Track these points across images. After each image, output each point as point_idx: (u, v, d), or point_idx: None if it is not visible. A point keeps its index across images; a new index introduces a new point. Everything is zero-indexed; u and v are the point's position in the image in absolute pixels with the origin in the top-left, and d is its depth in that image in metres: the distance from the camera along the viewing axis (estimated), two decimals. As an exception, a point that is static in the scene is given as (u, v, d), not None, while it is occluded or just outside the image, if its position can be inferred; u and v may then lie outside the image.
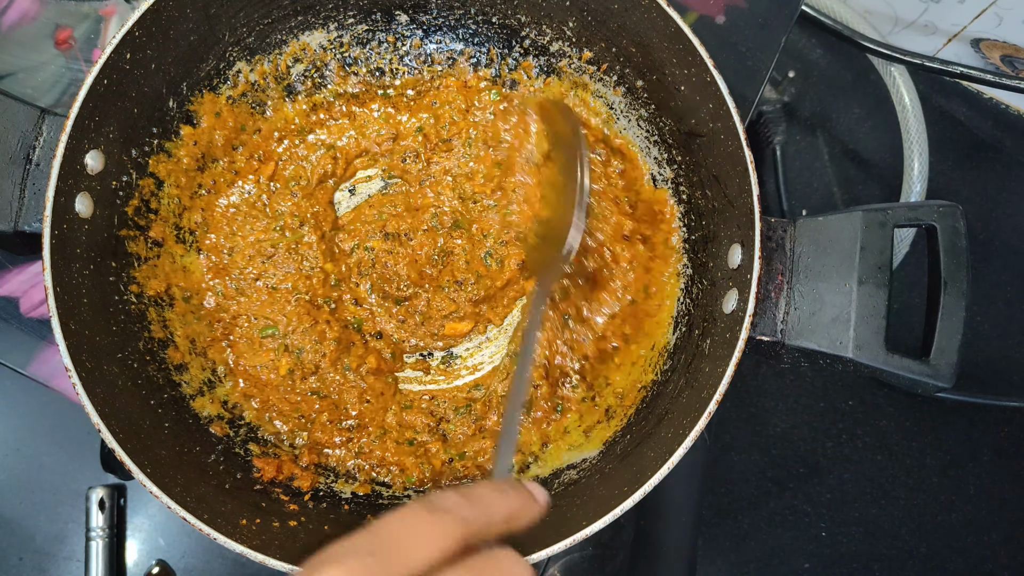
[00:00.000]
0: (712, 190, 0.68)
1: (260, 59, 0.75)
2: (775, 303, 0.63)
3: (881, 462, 0.91)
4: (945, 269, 0.61)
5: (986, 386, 0.92)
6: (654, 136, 0.75)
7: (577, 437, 0.73)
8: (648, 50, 0.69)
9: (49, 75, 0.83)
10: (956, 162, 0.99)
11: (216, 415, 0.70)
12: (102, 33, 0.84)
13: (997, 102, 1.01)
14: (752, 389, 0.93)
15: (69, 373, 0.57)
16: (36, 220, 0.63)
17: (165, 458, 0.61)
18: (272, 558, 0.56)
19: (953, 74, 0.87)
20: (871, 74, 0.96)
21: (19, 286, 0.80)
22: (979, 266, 0.96)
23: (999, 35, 0.90)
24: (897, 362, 0.60)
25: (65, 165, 0.60)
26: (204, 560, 0.80)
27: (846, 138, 0.99)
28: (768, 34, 0.85)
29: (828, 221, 0.63)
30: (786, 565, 0.89)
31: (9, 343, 0.79)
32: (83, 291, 0.62)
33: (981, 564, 0.90)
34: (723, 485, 0.91)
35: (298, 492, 0.69)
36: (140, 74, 0.65)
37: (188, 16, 0.67)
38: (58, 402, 0.81)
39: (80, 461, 0.81)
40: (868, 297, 0.61)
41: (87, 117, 0.61)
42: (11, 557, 0.80)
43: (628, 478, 0.60)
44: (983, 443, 0.92)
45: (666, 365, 0.71)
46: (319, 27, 0.76)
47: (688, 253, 0.73)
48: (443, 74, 0.80)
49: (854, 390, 0.93)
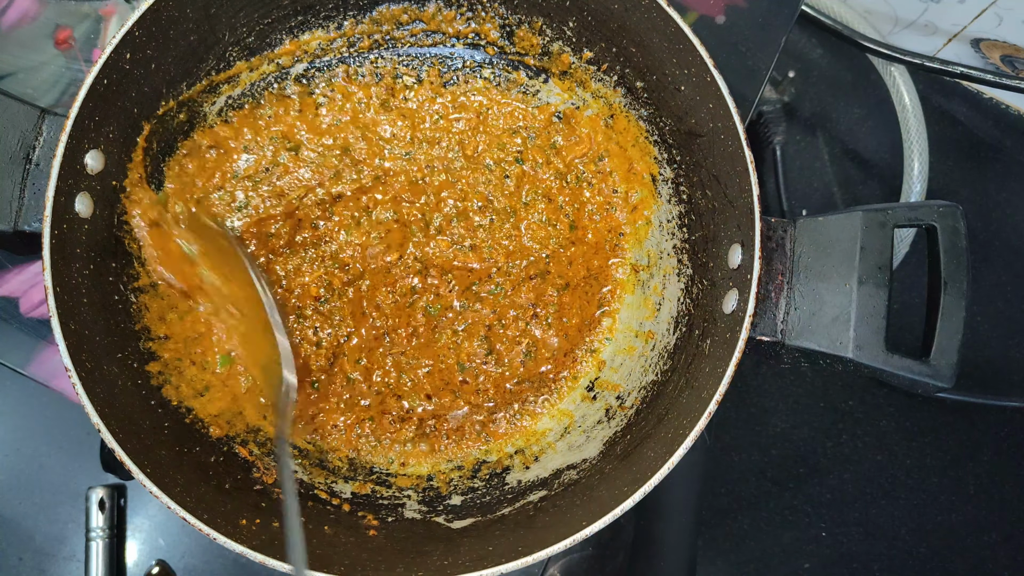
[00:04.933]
0: (712, 190, 0.68)
1: (259, 60, 0.75)
2: (775, 303, 0.63)
3: (881, 462, 0.91)
4: (945, 269, 0.61)
5: (986, 386, 0.92)
6: (654, 136, 0.75)
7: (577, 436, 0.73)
8: (648, 50, 0.69)
9: (49, 75, 0.83)
10: (956, 162, 0.99)
11: (216, 415, 0.70)
12: (102, 33, 0.84)
13: (997, 102, 1.01)
14: (752, 389, 0.93)
15: (69, 373, 0.57)
16: (36, 220, 0.63)
17: (165, 458, 0.61)
18: (272, 558, 0.56)
19: (953, 74, 0.87)
20: (871, 74, 0.96)
21: (19, 286, 0.80)
22: (979, 266, 0.96)
23: (999, 35, 0.90)
24: (897, 362, 0.60)
25: (65, 165, 0.60)
26: (204, 560, 0.80)
27: (846, 138, 0.99)
28: (768, 34, 0.85)
29: (828, 221, 0.63)
30: (786, 565, 0.89)
31: (9, 343, 0.79)
32: (83, 291, 0.62)
33: (981, 564, 0.90)
34: (723, 485, 0.91)
35: (298, 492, 0.68)
36: (140, 74, 0.65)
37: (188, 16, 0.67)
38: (58, 402, 0.81)
39: (80, 461, 0.81)
40: (868, 297, 0.61)
41: (87, 117, 0.61)
42: (11, 557, 0.80)
43: (628, 478, 0.60)
44: (983, 443, 0.92)
45: (666, 365, 0.71)
46: (319, 27, 0.76)
47: (688, 253, 0.73)
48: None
49: (854, 390, 0.93)
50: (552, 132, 0.80)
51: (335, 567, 0.58)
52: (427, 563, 0.60)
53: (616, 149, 0.78)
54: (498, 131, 0.80)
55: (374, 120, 0.79)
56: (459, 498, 0.72)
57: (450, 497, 0.72)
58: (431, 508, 0.71)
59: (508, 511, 0.68)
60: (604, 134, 0.79)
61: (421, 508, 0.70)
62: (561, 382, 0.78)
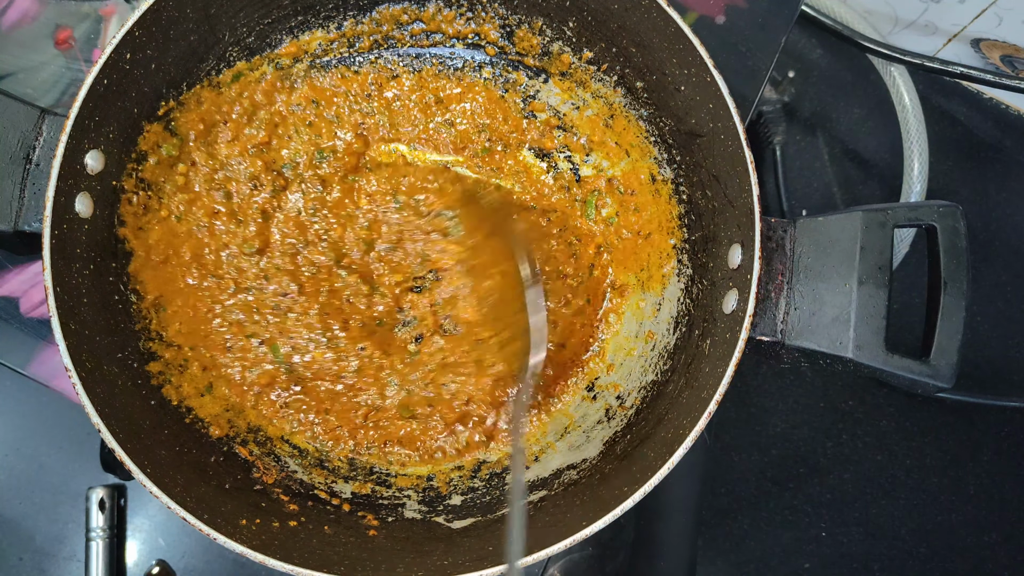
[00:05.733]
0: (712, 190, 0.68)
1: (260, 60, 0.75)
2: (775, 303, 0.63)
3: (881, 462, 0.91)
4: (945, 269, 0.61)
5: (986, 386, 0.92)
6: (654, 136, 0.75)
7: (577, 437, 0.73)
8: (648, 50, 0.69)
9: (49, 75, 0.83)
10: (956, 162, 0.99)
11: (216, 415, 0.70)
12: (102, 33, 0.84)
13: (997, 102, 1.01)
14: (752, 389, 0.93)
15: (69, 373, 0.57)
16: (36, 220, 0.63)
17: (165, 458, 0.61)
18: (272, 558, 0.56)
19: (953, 74, 0.87)
20: (871, 74, 0.96)
21: (19, 286, 0.80)
22: (979, 266, 0.96)
23: (999, 35, 0.90)
24: (897, 362, 0.60)
25: (65, 165, 0.60)
26: (204, 560, 0.80)
27: (846, 138, 0.99)
28: (768, 34, 0.85)
29: (828, 221, 0.63)
30: (786, 565, 0.89)
31: (9, 343, 0.79)
32: (83, 291, 0.62)
33: (981, 564, 0.90)
34: (723, 485, 0.91)
35: (298, 492, 0.69)
36: (140, 74, 0.65)
37: (188, 16, 0.67)
38: (58, 402, 0.81)
39: (80, 461, 0.81)
40: (868, 297, 0.61)
41: (87, 117, 0.61)
42: (11, 557, 0.80)
43: (628, 478, 0.60)
44: (983, 443, 0.92)
45: (666, 365, 0.71)
46: (319, 27, 0.76)
47: (688, 253, 0.73)
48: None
49: (854, 390, 0.93)
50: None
51: (335, 567, 0.58)
52: (427, 563, 0.60)
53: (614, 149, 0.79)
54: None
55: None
56: (459, 498, 0.72)
57: (450, 497, 0.72)
58: (431, 508, 0.71)
59: (508, 511, 0.68)
60: (604, 134, 0.79)
61: (421, 508, 0.71)
62: (561, 383, 0.78)
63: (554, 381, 0.77)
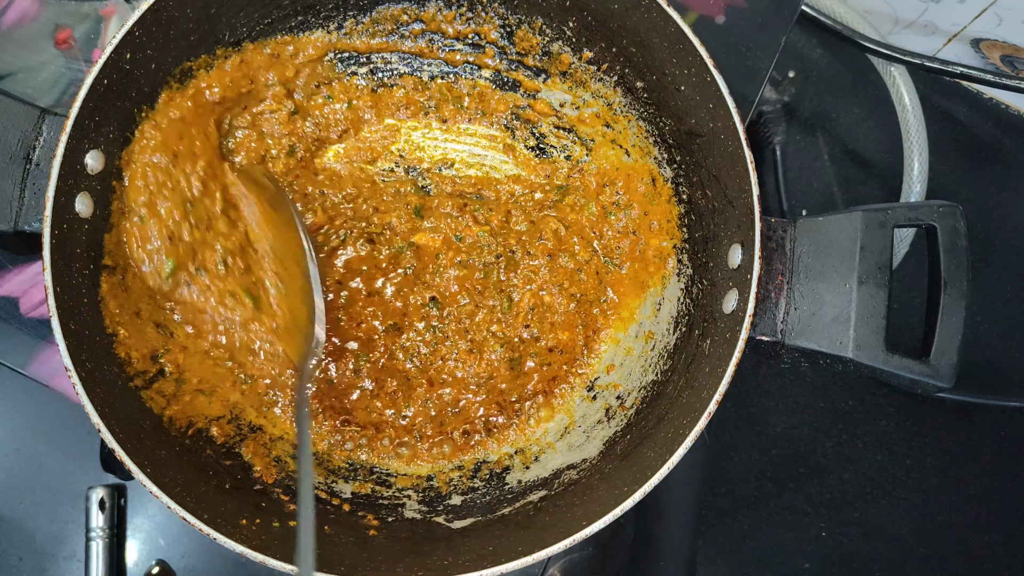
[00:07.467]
0: (712, 190, 0.68)
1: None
2: (775, 303, 0.63)
3: (881, 462, 0.91)
4: (945, 269, 0.61)
5: (986, 386, 0.92)
6: (654, 136, 0.75)
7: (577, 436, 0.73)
8: (648, 50, 0.69)
9: (49, 75, 0.83)
10: (956, 162, 0.99)
11: (217, 416, 0.70)
12: (102, 33, 0.84)
13: (997, 102, 1.01)
14: (752, 389, 0.93)
15: (69, 373, 0.57)
16: (36, 220, 0.63)
17: (165, 458, 0.61)
18: (272, 558, 0.57)
19: (953, 74, 0.87)
20: (871, 74, 0.96)
21: (19, 286, 0.80)
22: (979, 266, 0.96)
23: (999, 35, 0.90)
24: (897, 362, 0.60)
25: (65, 165, 0.60)
26: (204, 560, 0.80)
27: (846, 138, 0.99)
28: (768, 34, 0.85)
29: (828, 221, 0.63)
30: (786, 565, 0.89)
31: (9, 343, 0.79)
32: (83, 291, 0.62)
33: (981, 564, 0.90)
34: (723, 485, 0.91)
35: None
36: (140, 74, 0.65)
37: (188, 16, 0.67)
38: (58, 402, 0.81)
39: (80, 461, 0.81)
40: (868, 297, 0.61)
41: (87, 117, 0.61)
42: (11, 557, 0.80)
43: (628, 478, 0.60)
44: (983, 443, 0.92)
45: (666, 365, 0.71)
46: (319, 27, 0.76)
47: (688, 253, 0.73)
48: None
49: (854, 390, 0.93)
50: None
51: (335, 567, 0.58)
52: (427, 563, 0.60)
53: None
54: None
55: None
56: (459, 498, 0.72)
57: (450, 497, 0.72)
58: (431, 508, 0.71)
59: (508, 511, 0.68)
60: (604, 134, 0.79)
61: (421, 508, 0.70)
62: (562, 383, 0.78)
63: (554, 381, 0.77)
